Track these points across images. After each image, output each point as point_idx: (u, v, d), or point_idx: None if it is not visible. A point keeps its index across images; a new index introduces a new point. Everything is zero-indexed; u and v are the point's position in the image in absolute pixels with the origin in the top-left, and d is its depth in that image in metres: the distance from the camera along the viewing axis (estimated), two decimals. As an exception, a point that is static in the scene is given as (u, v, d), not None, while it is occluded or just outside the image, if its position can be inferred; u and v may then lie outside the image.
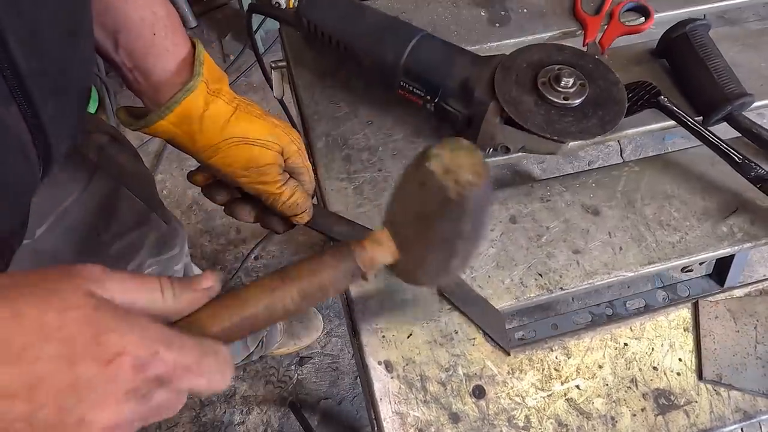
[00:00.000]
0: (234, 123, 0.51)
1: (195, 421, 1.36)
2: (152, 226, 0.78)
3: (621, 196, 0.64)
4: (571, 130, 0.56)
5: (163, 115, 0.49)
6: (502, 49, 0.72)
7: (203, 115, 0.50)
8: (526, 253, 0.60)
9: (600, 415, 0.52)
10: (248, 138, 0.51)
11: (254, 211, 0.58)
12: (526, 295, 0.58)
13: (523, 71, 0.59)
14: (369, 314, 0.55)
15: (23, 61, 0.35)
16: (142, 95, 0.51)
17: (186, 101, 0.49)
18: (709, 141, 0.62)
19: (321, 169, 0.64)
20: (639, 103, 0.66)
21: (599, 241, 0.61)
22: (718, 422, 0.52)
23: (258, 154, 0.51)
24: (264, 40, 1.79)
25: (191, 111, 0.49)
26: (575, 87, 0.57)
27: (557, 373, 0.54)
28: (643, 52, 0.74)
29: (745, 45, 0.73)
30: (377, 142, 0.66)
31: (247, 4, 0.73)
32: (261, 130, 0.52)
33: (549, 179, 0.66)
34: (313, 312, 1.45)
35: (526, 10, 0.77)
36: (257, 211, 0.58)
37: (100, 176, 0.69)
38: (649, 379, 0.54)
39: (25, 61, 0.35)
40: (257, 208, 0.58)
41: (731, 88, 0.64)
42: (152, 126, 0.49)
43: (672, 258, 0.60)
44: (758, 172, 0.60)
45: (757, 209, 0.63)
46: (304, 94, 0.69)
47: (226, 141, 0.51)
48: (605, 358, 0.55)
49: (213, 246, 1.56)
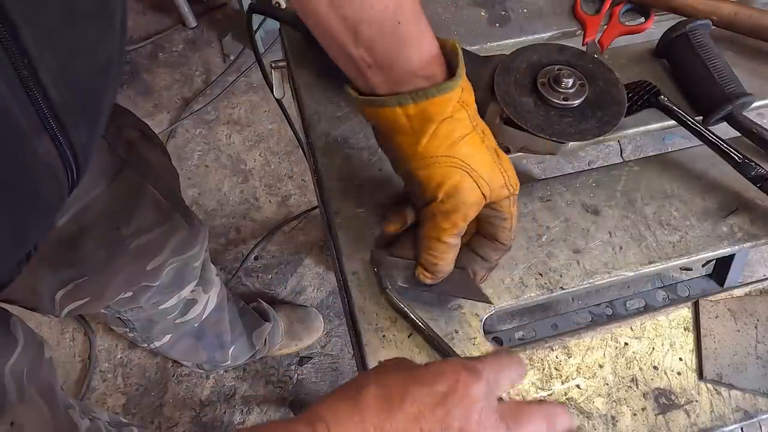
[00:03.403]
0: (464, 143, 0.46)
1: (195, 421, 1.36)
2: (175, 226, 0.78)
3: (621, 196, 0.64)
4: (571, 131, 0.56)
5: (403, 103, 0.45)
6: (502, 49, 0.73)
7: (444, 122, 0.45)
8: (526, 253, 0.60)
9: (600, 414, 0.52)
10: (469, 166, 0.46)
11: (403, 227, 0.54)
12: (526, 294, 0.58)
13: (522, 71, 0.59)
14: (369, 314, 0.55)
15: (56, 93, 0.34)
16: (374, 87, 0.47)
17: (437, 100, 0.44)
18: (709, 141, 0.62)
19: (321, 169, 0.64)
20: (639, 103, 0.66)
21: (599, 241, 0.61)
22: (718, 422, 0.52)
23: (468, 187, 0.46)
24: (264, 40, 1.79)
25: (436, 112, 0.45)
26: (575, 87, 0.57)
27: (557, 373, 0.54)
28: (643, 52, 0.74)
29: (744, 45, 0.73)
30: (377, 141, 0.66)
31: (247, 4, 0.73)
32: (484, 164, 0.47)
33: (549, 179, 0.66)
34: (313, 312, 1.45)
35: (526, 10, 0.77)
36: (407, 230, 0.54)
37: (127, 172, 0.69)
38: (649, 379, 0.54)
39: (58, 93, 0.34)
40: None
41: (731, 88, 0.64)
42: (380, 109, 0.46)
43: (672, 258, 0.61)
44: (758, 171, 0.60)
45: (757, 209, 0.63)
46: (304, 94, 0.69)
47: (448, 158, 0.46)
48: (605, 358, 0.55)
49: (213, 246, 1.56)
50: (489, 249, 0.52)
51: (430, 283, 0.52)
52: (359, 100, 0.48)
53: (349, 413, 0.37)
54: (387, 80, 0.46)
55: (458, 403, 0.38)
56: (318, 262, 1.56)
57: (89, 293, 0.74)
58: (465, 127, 0.46)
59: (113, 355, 1.43)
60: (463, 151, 0.46)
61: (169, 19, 1.96)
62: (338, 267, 0.59)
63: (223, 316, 1.16)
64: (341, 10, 0.44)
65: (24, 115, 0.33)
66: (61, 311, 0.74)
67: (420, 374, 0.39)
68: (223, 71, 1.84)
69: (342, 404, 0.38)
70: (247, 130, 1.76)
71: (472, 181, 0.47)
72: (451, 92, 0.45)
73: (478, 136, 0.47)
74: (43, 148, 0.36)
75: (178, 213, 0.79)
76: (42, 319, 1.42)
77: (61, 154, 0.37)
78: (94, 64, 0.38)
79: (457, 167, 0.46)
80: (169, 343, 1.12)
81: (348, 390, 0.39)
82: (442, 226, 0.48)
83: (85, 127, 0.39)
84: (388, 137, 0.49)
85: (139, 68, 1.87)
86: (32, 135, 0.34)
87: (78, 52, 0.35)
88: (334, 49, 0.47)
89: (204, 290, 1.03)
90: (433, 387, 0.38)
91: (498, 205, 0.50)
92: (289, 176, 1.68)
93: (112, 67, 0.40)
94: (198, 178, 1.67)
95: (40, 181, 0.37)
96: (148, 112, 1.78)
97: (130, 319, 0.98)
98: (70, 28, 0.34)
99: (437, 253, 0.50)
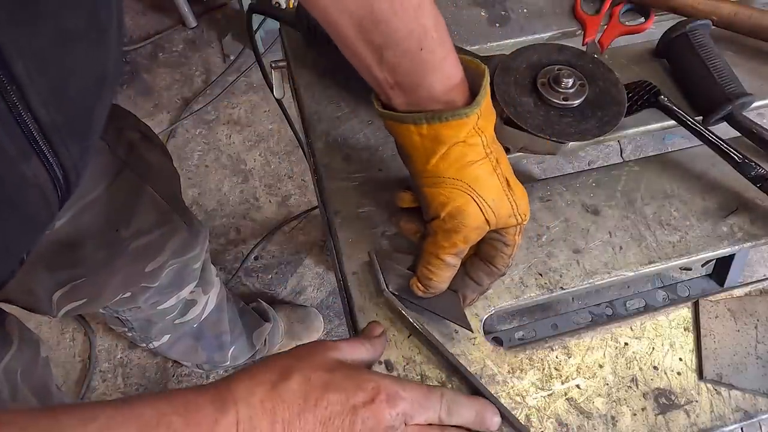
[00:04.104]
0: (474, 169, 0.46)
1: (195, 421, 1.36)
2: (175, 228, 0.78)
3: (621, 196, 0.64)
4: (571, 131, 0.56)
5: (418, 122, 0.46)
6: (502, 49, 0.73)
7: (456, 145, 0.46)
8: (526, 253, 0.60)
9: (600, 414, 0.52)
10: (476, 191, 0.47)
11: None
12: (526, 294, 0.58)
13: (522, 72, 0.59)
14: (369, 314, 0.55)
15: (45, 115, 0.34)
16: (395, 106, 0.48)
17: (452, 123, 0.45)
18: (709, 141, 0.62)
19: (321, 169, 0.64)
20: (639, 103, 0.66)
21: (599, 241, 0.61)
22: (718, 422, 0.52)
23: (471, 212, 0.47)
24: (264, 40, 1.79)
25: (449, 135, 0.45)
26: (575, 87, 0.57)
27: (557, 373, 0.54)
28: (643, 52, 0.74)
29: (744, 45, 0.73)
30: (377, 142, 0.66)
31: (247, 5, 0.73)
32: (492, 190, 0.47)
33: (549, 179, 0.66)
34: (313, 312, 1.45)
35: (526, 10, 0.77)
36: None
37: (127, 174, 0.69)
38: (649, 379, 0.54)
39: (48, 114, 0.34)
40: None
41: (731, 88, 0.64)
42: (398, 125, 0.47)
43: (672, 258, 0.60)
44: (758, 171, 0.60)
45: (757, 209, 0.63)
46: (304, 94, 0.69)
47: (454, 180, 0.46)
48: (605, 358, 0.55)
49: (213, 246, 1.56)
50: (483, 273, 0.53)
51: (421, 296, 0.52)
52: (380, 112, 0.49)
53: (263, 400, 0.39)
54: (408, 102, 0.47)
55: (366, 419, 0.40)
56: (318, 262, 1.56)
57: (87, 294, 0.74)
58: (477, 153, 0.47)
59: (113, 355, 1.43)
60: (472, 176, 0.47)
61: (169, 19, 1.96)
62: (338, 267, 0.59)
63: (222, 317, 1.16)
64: (368, 35, 0.44)
65: (12, 140, 0.33)
66: (59, 312, 0.73)
67: (342, 381, 0.42)
68: (223, 71, 1.84)
69: (260, 389, 0.39)
70: (247, 130, 1.76)
71: (477, 207, 0.47)
72: (467, 118, 0.45)
73: (491, 163, 0.47)
74: (31, 170, 0.35)
75: (177, 215, 0.79)
76: (42, 319, 1.42)
77: (51, 174, 0.37)
78: (86, 83, 0.38)
79: (463, 191, 0.47)
80: (168, 343, 1.12)
81: (271, 373, 0.41)
82: (441, 244, 0.49)
83: (77, 144, 0.39)
84: (403, 150, 0.50)
85: (139, 68, 1.87)
86: (20, 159, 0.34)
87: (69, 72, 0.35)
88: (360, 68, 0.48)
89: (203, 291, 1.03)
90: (349, 397, 0.41)
91: (504, 231, 0.50)
92: (289, 176, 1.68)
93: (106, 82, 0.40)
94: (198, 178, 1.67)
95: (28, 202, 0.37)
96: (148, 112, 1.78)
97: (128, 319, 0.98)
98: (61, 50, 0.34)
99: (434, 268, 0.50)
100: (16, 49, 0.30)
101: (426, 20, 0.44)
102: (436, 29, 0.45)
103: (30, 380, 0.67)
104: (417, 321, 0.53)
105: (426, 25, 0.44)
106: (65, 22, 0.33)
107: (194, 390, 0.39)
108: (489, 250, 0.52)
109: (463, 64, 0.48)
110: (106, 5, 0.37)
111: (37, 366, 0.70)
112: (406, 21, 0.43)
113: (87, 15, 0.35)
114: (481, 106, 0.45)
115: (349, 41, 0.46)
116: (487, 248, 0.52)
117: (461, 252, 0.50)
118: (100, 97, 0.40)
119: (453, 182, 0.47)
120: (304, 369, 0.42)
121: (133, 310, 0.90)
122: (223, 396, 0.38)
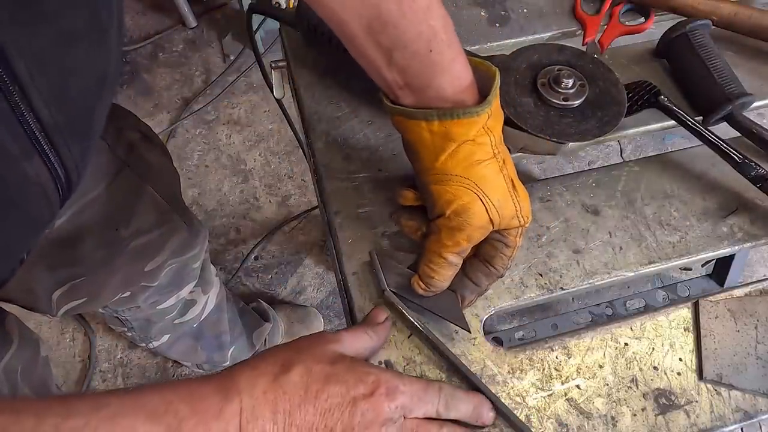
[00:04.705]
0: (481, 168, 0.47)
1: (195, 422, 1.36)
2: (174, 227, 0.78)
3: (621, 196, 0.64)
4: (571, 131, 0.56)
5: (429, 118, 0.45)
6: (502, 49, 0.72)
7: (465, 143, 0.46)
8: (526, 253, 0.60)
9: (600, 414, 0.52)
10: (482, 190, 0.47)
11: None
12: (526, 294, 0.58)
13: (522, 72, 0.59)
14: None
15: (47, 115, 0.34)
16: (404, 105, 0.48)
17: (462, 121, 0.45)
18: (709, 141, 0.62)
19: (321, 169, 0.64)
20: (639, 103, 0.66)
21: (599, 241, 0.61)
22: (718, 422, 0.52)
23: (477, 211, 0.47)
24: (264, 40, 1.79)
25: (459, 133, 0.45)
26: (575, 88, 0.57)
27: (557, 373, 0.54)
28: (643, 52, 0.74)
29: (744, 45, 0.73)
30: (377, 142, 0.66)
31: (247, 5, 0.73)
32: (498, 191, 0.48)
33: (549, 179, 0.66)
34: (313, 312, 1.45)
35: (526, 10, 0.77)
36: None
37: (126, 174, 0.69)
38: (649, 379, 0.54)
39: (50, 114, 0.34)
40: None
41: (731, 88, 0.64)
42: (407, 120, 0.47)
43: (672, 258, 0.60)
44: (758, 172, 0.60)
45: (757, 209, 0.63)
46: (304, 94, 0.69)
47: (462, 178, 0.47)
48: (605, 358, 0.55)
49: (213, 246, 1.56)
50: (481, 274, 0.53)
51: (421, 295, 0.52)
52: (389, 107, 0.48)
53: (265, 391, 0.39)
54: (417, 102, 0.47)
55: (365, 412, 0.41)
56: (318, 262, 1.56)
57: (86, 293, 0.74)
58: (485, 152, 0.47)
59: (113, 355, 1.43)
60: (479, 175, 0.47)
61: (169, 19, 1.96)
62: (338, 267, 0.59)
63: (222, 317, 1.16)
64: (377, 37, 0.44)
65: (14, 140, 0.33)
66: (58, 311, 0.74)
67: (343, 373, 0.42)
68: (223, 71, 1.84)
69: (262, 380, 0.40)
70: (247, 130, 1.76)
71: (482, 206, 0.47)
72: (477, 117, 0.45)
73: (498, 164, 0.48)
74: (33, 170, 0.36)
75: (177, 214, 0.79)
76: (42, 319, 1.42)
77: (52, 173, 0.38)
78: (87, 83, 0.38)
79: (469, 189, 0.47)
80: (167, 343, 1.12)
81: (273, 365, 0.42)
82: (445, 242, 0.49)
83: (78, 144, 0.39)
84: (411, 147, 0.50)
85: (139, 68, 1.86)
86: (22, 158, 0.34)
87: (70, 73, 0.35)
88: (368, 69, 0.48)
89: (203, 291, 1.03)
90: (349, 390, 0.42)
91: (506, 233, 0.51)
92: (289, 176, 1.68)
93: (106, 82, 0.40)
94: (198, 178, 1.67)
95: (30, 201, 0.37)
96: (148, 112, 1.78)
97: (128, 319, 0.98)
98: (62, 50, 0.34)
99: (435, 267, 0.50)
100: (18, 49, 0.30)
101: (435, 22, 0.44)
102: (445, 31, 0.45)
103: (30, 379, 0.67)
104: (418, 320, 0.53)
105: (435, 26, 0.44)
106: (66, 22, 0.33)
107: (198, 380, 0.40)
108: (489, 250, 0.52)
109: (472, 66, 0.48)
110: (107, 5, 0.37)
111: (36, 365, 0.70)
112: (415, 23, 0.43)
113: (88, 15, 0.35)
114: (492, 106, 0.45)
115: (357, 42, 0.46)
116: (488, 249, 0.52)
117: (464, 251, 0.50)
118: (100, 97, 0.40)
119: (460, 180, 0.47)
120: (306, 361, 0.42)
121: (132, 309, 0.90)
122: (227, 386, 0.39)
